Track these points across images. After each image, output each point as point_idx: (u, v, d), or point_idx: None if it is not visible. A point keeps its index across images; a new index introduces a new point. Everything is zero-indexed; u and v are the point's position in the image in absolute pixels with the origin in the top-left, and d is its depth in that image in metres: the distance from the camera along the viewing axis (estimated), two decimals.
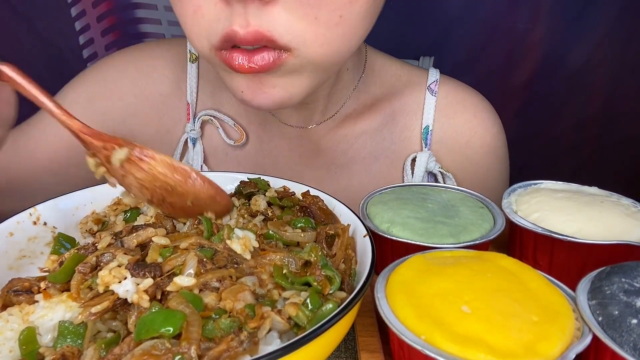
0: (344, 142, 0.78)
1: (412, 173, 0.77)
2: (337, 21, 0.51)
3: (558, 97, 1.44)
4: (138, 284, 0.37)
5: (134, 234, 0.42)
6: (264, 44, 0.50)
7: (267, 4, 0.48)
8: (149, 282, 0.37)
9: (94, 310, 0.36)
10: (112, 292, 0.37)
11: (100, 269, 0.39)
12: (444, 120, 0.78)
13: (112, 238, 0.43)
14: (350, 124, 0.78)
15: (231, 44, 0.51)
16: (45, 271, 0.44)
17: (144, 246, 0.42)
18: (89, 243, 0.44)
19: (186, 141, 0.77)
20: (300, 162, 0.78)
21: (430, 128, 0.78)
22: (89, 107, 0.73)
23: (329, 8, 0.49)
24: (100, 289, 0.37)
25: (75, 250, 0.43)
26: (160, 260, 0.40)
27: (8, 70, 0.43)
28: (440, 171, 0.77)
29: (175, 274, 0.38)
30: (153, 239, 0.42)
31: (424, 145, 0.78)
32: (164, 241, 0.42)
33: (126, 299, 0.37)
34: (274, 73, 0.53)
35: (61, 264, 0.42)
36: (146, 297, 0.36)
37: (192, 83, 0.77)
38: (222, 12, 0.49)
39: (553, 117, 1.48)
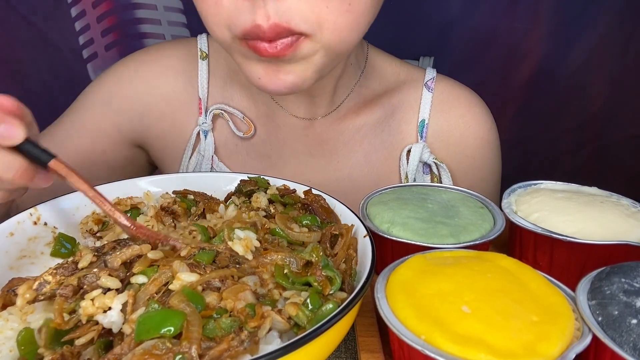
0: (346, 134, 0.82)
1: (408, 163, 0.81)
2: (347, 8, 0.54)
3: (558, 97, 1.44)
4: (127, 319, 0.35)
5: (118, 253, 0.40)
6: (284, 35, 0.53)
7: None
8: (141, 311, 0.35)
9: (77, 342, 0.35)
10: (97, 322, 0.35)
11: (84, 292, 0.37)
12: (439, 114, 0.82)
13: (94, 255, 0.41)
14: (352, 117, 0.82)
15: (255, 37, 0.54)
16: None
17: (129, 263, 0.41)
18: (68, 261, 0.41)
19: (198, 133, 0.81)
20: (305, 152, 0.82)
21: (426, 122, 0.82)
22: (107, 107, 0.79)
23: None
24: (83, 320, 0.36)
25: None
26: (144, 281, 0.38)
27: (55, 165, 0.46)
28: (434, 162, 0.80)
29: (170, 290, 0.37)
30: (148, 255, 0.40)
31: (419, 137, 0.82)
32: (152, 255, 0.40)
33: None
34: (290, 59, 0.57)
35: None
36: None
37: (203, 79, 0.81)
38: (242, 4, 0.52)
39: (553, 117, 1.47)
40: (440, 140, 0.83)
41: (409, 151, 0.81)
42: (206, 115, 0.80)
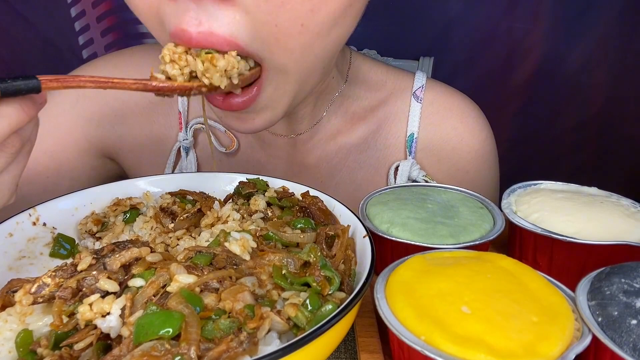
0: (328, 152, 0.77)
1: (395, 181, 0.77)
2: (300, 30, 0.48)
3: (558, 97, 1.44)
4: (125, 322, 0.35)
5: (118, 255, 0.40)
6: (227, 49, 0.47)
7: (224, 2, 0.45)
8: (139, 313, 0.35)
9: (76, 347, 0.35)
10: (95, 326, 0.35)
11: (83, 295, 0.37)
12: (429, 127, 0.77)
13: (93, 258, 0.41)
14: (335, 134, 0.77)
15: (183, 44, 0.47)
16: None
17: (128, 266, 0.41)
18: (67, 263, 0.42)
19: (179, 150, 0.76)
20: (288, 171, 0.78)
21: (415, 136, 0.77)
22: (74, 110, 0.72)
23: (288, 16, 0.47)
24: (82, 324, 0.36)
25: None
26: (142, 284, 0.38)
27: (45, 82, 0.38)
28: (424, 179, 0.76)
29: (168, 292, 0.37)
30: (147, 258, 0.40)
31: (408, 153, 0.77)
32: (150, 258, 0.40)
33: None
34: (251, 109, 0.52)
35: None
36: None
37: None
38: (167, 6, 0.46)
39: (553, 117, 1.48)
40: (431, 154, 0.78)
41: (396, 168, 0.76)
42: (187, 131, 0.75)
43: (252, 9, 0.45)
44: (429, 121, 0.77)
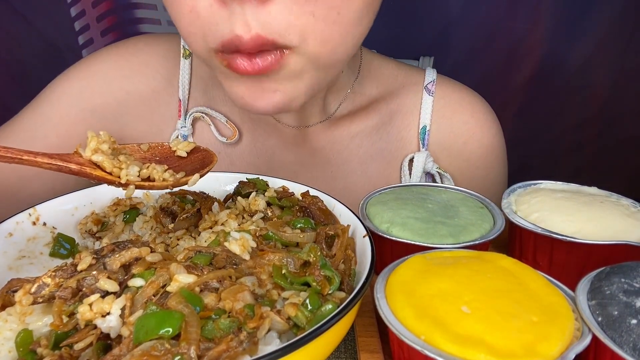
0: (339, 143, 0.78)
1: (410, 173, 0.77)
2: (335, 18, 0.50)
3: (558, 97, 1.44)
4: (124, 322, 0.35)
5: (117, 255, 0.40)
6: (267, 48, 0.49)
7: (264, 3, 0.47)
8: (139, 313, 0.35)
9: (76, 347, 0.35)
10: (95, 326, 0.35)
11: (83, 295, 0.37)
12: (441, 120, 0.78)
13: (93, 258, 0.41)
14: (346, 125, 0.77)
15: (234, 49, 0.50)
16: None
17: (128, 266, 0.40)
18: (67, 263, 0.41)
19: (177, 138, 0.75)
20: (295, 162, 0.77)
21: (427, 128, 0.78)
22: (76, 102, 0.72)
23: (326, 4, 0.48)
24: (82, 324, 0.36)
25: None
26: (142, 284, 0.38)
27: None
28: (438, 171, 0.77)
29: (167, 292, 0.37)
30: (147, 257, 0.40)
31: (421, 145, 0.78)
32: (150, 258, 0.40)
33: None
34: (276, 76, 0.52)
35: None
36: None
37: (185, 79, 0.75)
38: (219, 13, 0.48)
39: (553, 117, 1.48)
40: (443, 148, 0.79)
41: (411, 160, 0.77)
42: (185, 119, 0.74)
43: (289, 3, 0.47)
44: (441, 114, 0.78)
